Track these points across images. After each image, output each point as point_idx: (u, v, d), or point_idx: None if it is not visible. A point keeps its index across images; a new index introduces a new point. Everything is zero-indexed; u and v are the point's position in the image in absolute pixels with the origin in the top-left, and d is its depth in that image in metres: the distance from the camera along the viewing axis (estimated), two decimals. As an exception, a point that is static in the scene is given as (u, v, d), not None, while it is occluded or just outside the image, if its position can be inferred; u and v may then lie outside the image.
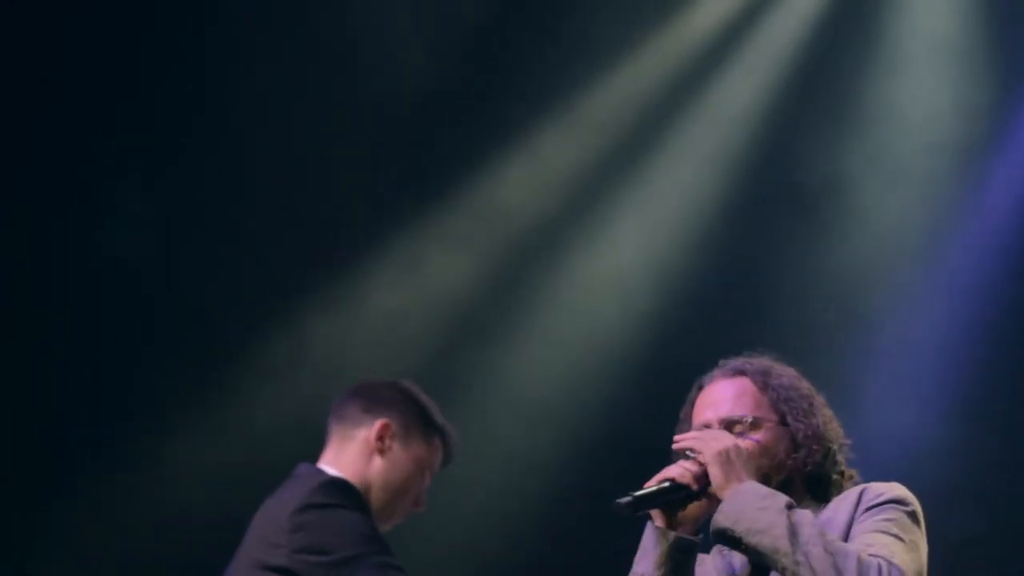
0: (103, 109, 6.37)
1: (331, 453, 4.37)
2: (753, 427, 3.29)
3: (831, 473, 3.31)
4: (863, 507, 3.18)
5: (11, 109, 6.25)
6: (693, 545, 3.24)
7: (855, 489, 3.25)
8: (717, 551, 3.36)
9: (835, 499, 3.27)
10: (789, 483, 3.27)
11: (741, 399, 3.32)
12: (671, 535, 3.21)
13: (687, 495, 3.22)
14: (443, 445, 4.43)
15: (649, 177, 6.96)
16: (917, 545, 3.14)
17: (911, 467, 6.22)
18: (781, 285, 6.77)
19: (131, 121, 6.42)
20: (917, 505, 3.21)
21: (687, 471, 3.22)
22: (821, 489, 3.32)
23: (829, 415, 3.36)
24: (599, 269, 6.93)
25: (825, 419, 3.34)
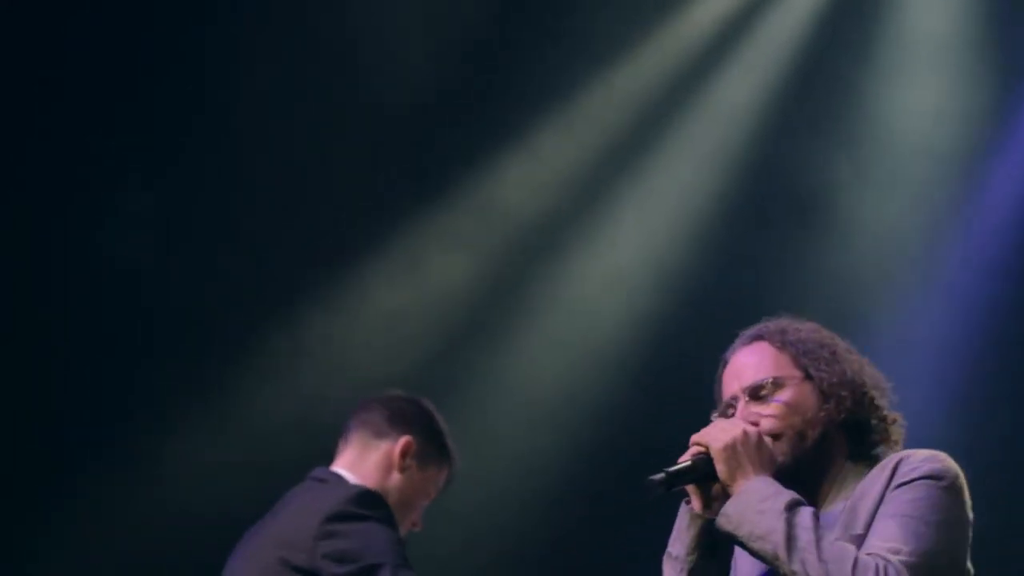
0: (103, 109, 6.36)
1: (350, 457, 4.38)
2: (776, 387, 3.19)
3: (870, 418, 3.20)
4: (895, 483, 3.06)
5: (11, 109, 6.25)
6: None
7: (893, 458, 3.11)
8: None
9: (876, 468, 3.12)
10: (826, 437, 3.17)
11: (762, 363, 3.23)
12: (699, 518, 3.13)
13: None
14: (449, 472, 4.48)
15: (648, 176, 6.96)
16: (948, 524, 3.02)
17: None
18: (781, 284, 6.76)
19: (131, 121, 6.41)
20: (955, 477, 3.07)
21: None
22: (864, 439, 3.21)
23: (859, 360, 3.25)
24: (599, 269, 6.92)
25: (853, 365, 3.22)
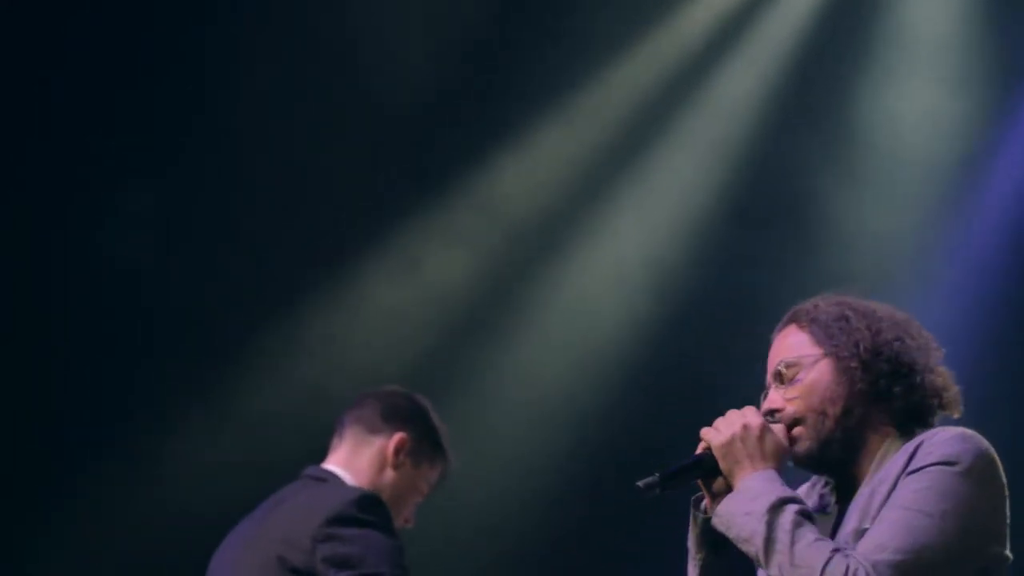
0: (103, 109, 6.36)
1: (343, 454, 4.37)
2: (795, 369, 3.13)
3: (893, 387, 3.09)
4: (910, 468, 2.99)
5: (11, 108, 6.25)
6: None
7: (918, 438, 3.03)
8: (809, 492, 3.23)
9: (907, 445, 3.04)
10: (850, 413, 3.09)
11: (786, 347, 3.17)
12: (700, 516, 3.11)
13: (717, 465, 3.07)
14: (442, 470, 4.46)
15: (648, 175, 6.96)
16: (956, 514, 2.94)
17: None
18: (780, 284, 6.76)
19: (131, 120, 6.41)
20: (974, 459, 2.98)
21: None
22: (898, 410, 3.12)
23: (898, 325, 3.13)
24: (598, 267, 6.92)
25: (880, 333, 3.11)
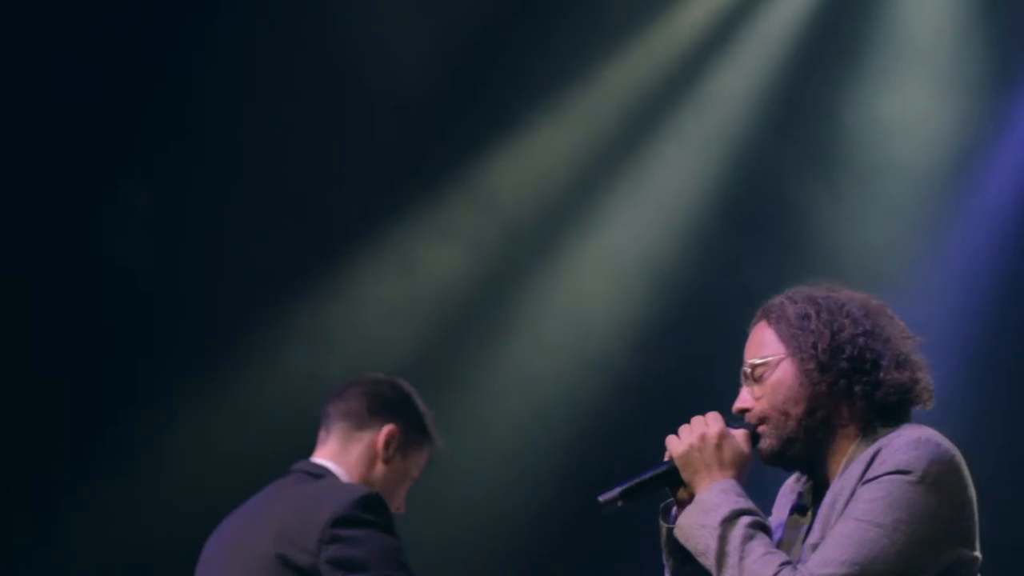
0: (102, 105, 6.38)
1: (333, 449, 4.34)
2: (761, 369, 3.12)
3: (854, 385, 3.05)
4: (867, 477, 2.96)
5: (10, 105, 6.26)
6: None
7: (877, 443, 3.00)
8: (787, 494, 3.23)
9: (869, 448, 3.00)
10: (814, 413, 3.06)
11: (752, 348, 3.17)
12: (663, 526, 3.11)
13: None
14: (429, 453, 4.45)
15: (644, 172, 6.96)
16: (910, 522, 2.91)
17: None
18: (776, 285, 6.73)
19: (128, 116, 6.42)
20: (929, 465, 2.94)
21: None
22: (861, 408, 3.08)
23: (854, 320, 3.09)
24: (594, 263, 6.91)
25: (845, 329, 3.07)
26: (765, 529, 2.99)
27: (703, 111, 6.98)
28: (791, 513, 3.15)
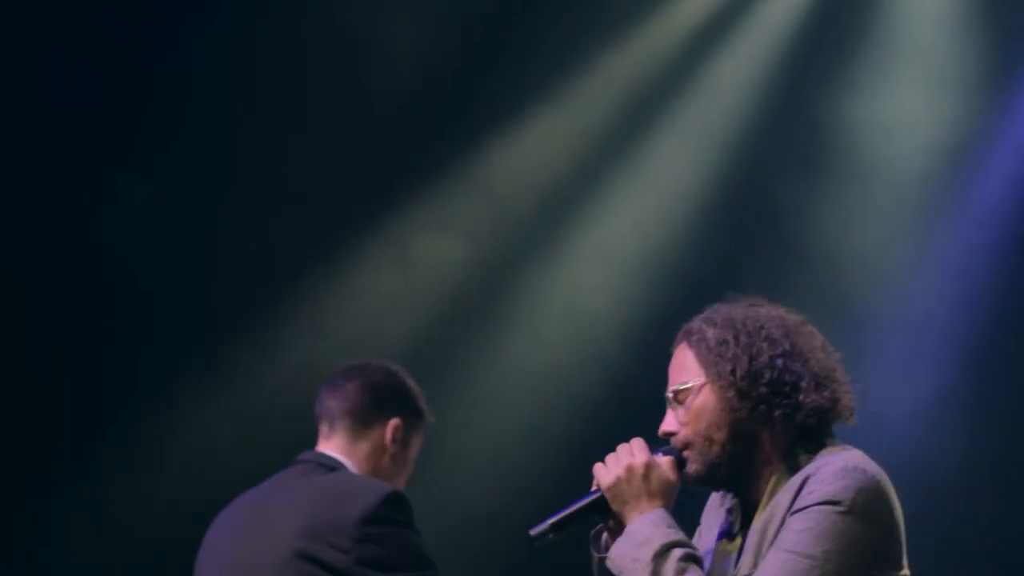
0: (102, 101, 6.38)
1: (340, 444, 4.32)
2: (683, 394, 3.14)
3: (774, 411, 3.05)
4: (795, 507, 2.98)
5: (10, 102, 6.26)
6: None
7: (800, 474, 3.02)
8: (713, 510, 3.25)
9: (795, 477, 3.02)
10: (738, 439, 3.07)
11: (675, 371, 3.19)
12: (595, 556, 3.15)
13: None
14: (424, 430, 4.46)
15: (643, 162, 6.96)
16: (840, 552, 2.93)
17: (910, 464, 6.20)
18: (776, 279, 6.74)
19: (128, 111, 6.42)
20: (856, 494, 2.96)
21: None
22: (777, 432, 3.09)
23: (772, 343, 3.08)
24: (592, 254, 6.91)
25: (755, 353, 3.07)
26: (697, 561, 3.00)
27: (702, 102, 6.98)
28: (719, 538, 3.17)
